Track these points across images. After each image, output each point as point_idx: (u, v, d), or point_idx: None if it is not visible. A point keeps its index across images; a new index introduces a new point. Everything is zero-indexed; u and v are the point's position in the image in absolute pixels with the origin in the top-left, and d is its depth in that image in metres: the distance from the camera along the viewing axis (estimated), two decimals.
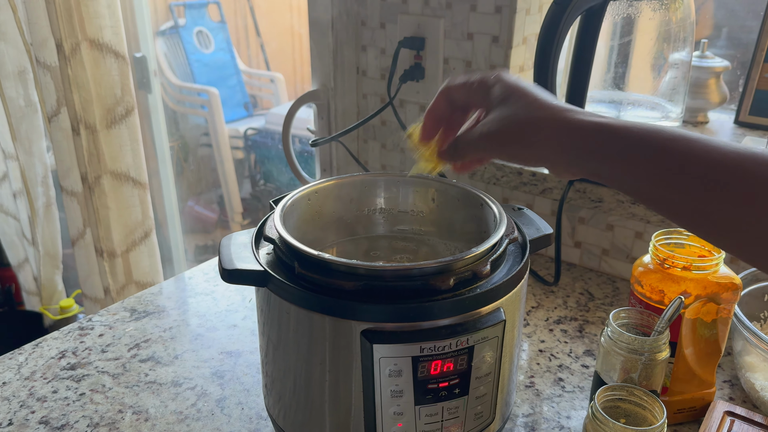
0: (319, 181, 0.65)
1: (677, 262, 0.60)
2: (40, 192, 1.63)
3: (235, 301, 0.87)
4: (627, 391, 0.55)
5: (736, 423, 0.61)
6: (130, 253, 1.51)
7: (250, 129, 3.03)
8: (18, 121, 1.54)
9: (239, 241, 0.56)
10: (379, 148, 1.14)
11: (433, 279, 0.48)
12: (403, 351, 0.48)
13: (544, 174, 0.92)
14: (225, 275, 0.51)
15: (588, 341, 0.78)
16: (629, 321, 0.60)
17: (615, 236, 0.92)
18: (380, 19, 1.05)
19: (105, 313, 0.84)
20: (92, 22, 1.29)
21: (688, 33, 0.87)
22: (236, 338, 0.78)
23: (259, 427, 0.64)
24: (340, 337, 0.49)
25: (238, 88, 3.21)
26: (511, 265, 0.54)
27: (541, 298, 0.88)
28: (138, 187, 1.46)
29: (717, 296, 0.60)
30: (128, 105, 1.38)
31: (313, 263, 0.50)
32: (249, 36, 3.45)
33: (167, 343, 0.77)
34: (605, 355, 0.59)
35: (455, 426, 0.52)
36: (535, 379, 0.72)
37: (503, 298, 0.51)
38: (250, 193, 3.08)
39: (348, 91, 1.14)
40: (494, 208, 0.59)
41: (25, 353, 0.75)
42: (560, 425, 0.65)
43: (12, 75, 1.50)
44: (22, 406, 0.67)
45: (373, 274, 0.49)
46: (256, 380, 0.71)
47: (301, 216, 0.63)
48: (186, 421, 0.65)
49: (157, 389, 0.69)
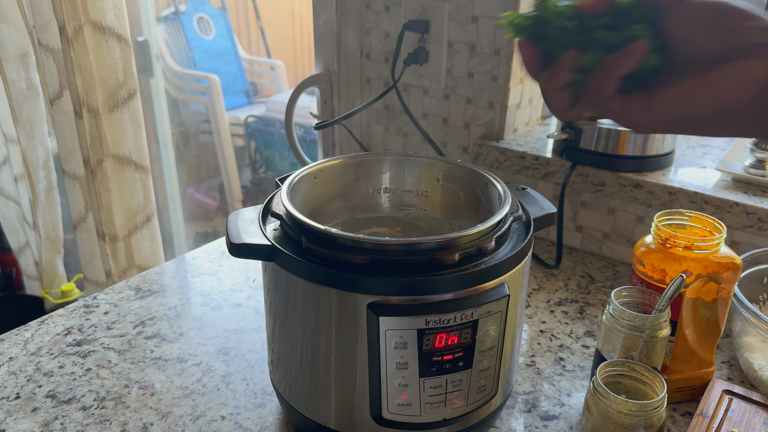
0: (325, 160, 0.65)
1: (679, 241, 0.60)
2: (42, 176, 1.63)
3: (240, 281, 0.87)
4: (628, 366, 0.56)
5: (735, 401, 0.62)
6: (131, 237, 1.52)
7: (251, 116, 3.03)
8: (20, 105, 1.54)
9: (246, 217, 0.56)
10: (382, 132, 1.15)
11: (439, 254, 0.49)
12: (409, 323, 0.48)
13: (546, 158, 0.93)
14: (233, 249, 0.52)
15: (588, 322, 0.79)
16: (630, 300, 0.61)
17: (616, 220, 0.93)
18: (384, 2, 1.05)
19: (110, 291, 0.84)
20: (95, 5, 1.29)
21: None
22: (241, 317, 0.79)
23: (264, 402, 0.65)
24: (346, 310, 0.50)
25: (239, 75, 3.20)
26: (515, 243, 0.55)
27: (542, 281, 0.88)
28: (140, 171, 1.47)
29: (718, 276, 0.60)
30: (130, 88, 1.38)
31: (320, 238, 0.51)
32: (250, 22, 3.44)
33: (172, 321, 0.78)
34: (607, 333, 0.60)
35: (459, 398, 0.52)
36: (536, 358, 0.73)
37: (507, 274, 0.52)
38: (250, 180, 3.08)
39: (351, 75, 1.14)
40: (499, 187, 0.59)
41: (31, 329, 0.76)
42: (561, 402, 0.66)
43: (14, 58, 1.49)
44: (29, 380, 0.67)
45: (380, 248, 0.49)
46: (260, 357, 0.72)
47: (307, 194, 0.63)
48: (192, 396, 0.66)
49: (163, 365, 0.70)
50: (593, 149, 0.89)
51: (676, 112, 0.38)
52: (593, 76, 0.39)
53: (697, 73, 0.37)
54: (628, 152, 0.87)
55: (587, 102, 0.41)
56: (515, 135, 1.02)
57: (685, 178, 0.86)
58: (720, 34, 0.36)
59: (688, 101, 0.37)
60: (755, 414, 0.61)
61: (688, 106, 0.37)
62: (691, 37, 0.37)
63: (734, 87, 0.36)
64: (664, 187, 0.84)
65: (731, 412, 0.61)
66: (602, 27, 0.39)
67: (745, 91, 0.36)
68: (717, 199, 0.80)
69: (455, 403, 0.53)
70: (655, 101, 0.38)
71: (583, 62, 0.39)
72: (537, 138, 1.01)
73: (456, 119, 1.04)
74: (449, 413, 0.53)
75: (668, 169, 0.89)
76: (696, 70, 0.37)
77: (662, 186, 0.84)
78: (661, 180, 0.85)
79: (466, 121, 1.03)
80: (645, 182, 0.85)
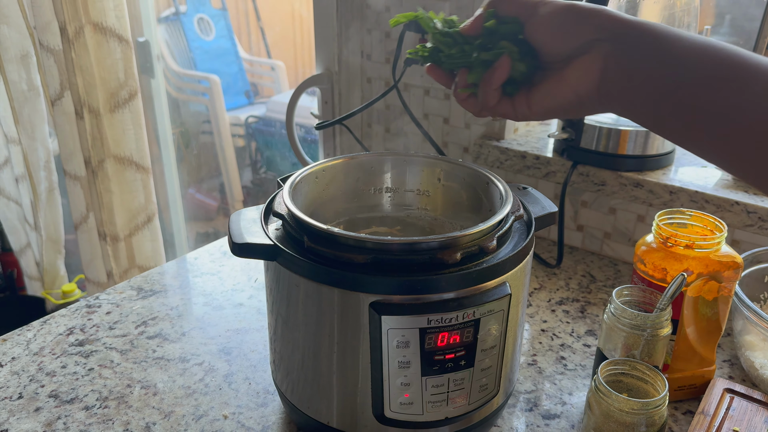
0: (326, 159, 0.66)
1: (680, 240, 0.60)
2: (43, 176, 1.63)
3: (241, 281, 0.88)
4: (629, 365, 0.56)
5: (736, 400, 0.62)
6: (133, 237, 1.52)
7: (251, 117, 3.03)
8: (20, 105, 1.54)
9: (248, 217, 0.57)
10: (383, 132, 1.15)
11: (441, 253, 0.49)
12: (411, 323, 0.49)
13: (547, 157, 0.93)
14: (236, 249, 0.52)
15: (590, 321, 0.79)
16: (632, 298, 0.61)
17: (617, 219, 0.93)
18: (385, 2, 1.05)
19: (112, 291, 0.84)
20: (96, 6, 1.29)
21: (691, 18, 0.87)
22: (243, 316, 0.79)
23: (266, 401, 0.65)
24: (348, 310, 0.50)
25: (239, 75, 3.20)
26: (516, 242, 0.55)
27: (543, 280, 0.88)
28: (141, 171, 1.47)
29: (718, 274, 0.61)
30: (131, 89, 1.39)
31: (322, 237, 0.51)
32: (250, 23, 3.44)
33: (174, 321, 0.78)
34: (608, 332, 0.60)
35: (461, 397, 0.53)
36: (538, 357, 0.73)
37: (509, 273, 0.52)
38: (251, 180, 3.09)
39: (352, 75, 1.14)
40: (500, 187, 0.59)
41: (34, 330, 0.76)
42: (562, 401, 0.66)
43: (15, 59, 1.50)
44: (32, 380, 0.68)
45: (382, 248, 0.49)
46: (262, 356, 0.72)
47: (309, 194, 0.63)
48: (194, 396, 0.66)
49: (165, 365, 0.70)
50: (594, 149, 0.89)
51: (547, 105, 0.45)
52: (479, 90, 0.47)
53: (557, 71, 0.44)
54: (629, 151, 0.87)
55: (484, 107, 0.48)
56: (516, 135, 1.02)
57: (686, 178, 0.86)
58: (566, 36, 0.43)
59: (552, 95, 0.44)
60: (756, 412, 0.61)
61: (553, 99, 0.45)
62: (547, 42, 0.44)
63: (581, 79, 0.42)
64: (665, 187, 0.84)
65: (732, 410, 0.61)
66: (478, 48, 0.47)
67: (589, 82, 0.42)
68: (718, 198, 0.80)
69: (457, 401, 0.53)
70: (531, 99, 0.46)
71: (471, 79, 0.47)
72: (538, 138, 1.01)
73: (457, 119, 1.04)
74: (451, 412, 0.53)
75: (669, 169, 0.89)
76: (557, 68, 0.44)
77: (663, 185, 0.84)
78: (662, 179, 0.85)
79: (467, 120, 1.03)
80: (646, 181, 0.85)
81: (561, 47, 0.43)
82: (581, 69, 0.42)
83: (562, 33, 0.43)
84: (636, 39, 0.40)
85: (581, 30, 0.42)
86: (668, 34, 0.40)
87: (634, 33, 0.41)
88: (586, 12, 0.42)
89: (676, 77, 0.39)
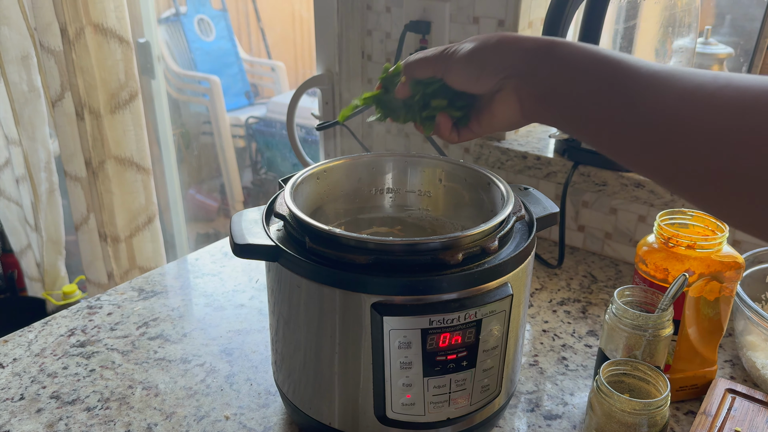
0: (327, 160, 0.66)
1: (681, 240, 0.60)
2: (43, 177, 1.63)
3: (242, 281, 0.88)
4: (631, 365, 0.56)
5: (737, 400, 0.62)
6: (133, 238, 1.52)
7: (252, 117, 3.03)
8: (21, 106, 1.54)
9: (250, 218, 0.57)
10: (384, 133, 1.15)
11: (442, 254, 0.49)
12: (413, 323, 0.49)
13: (548, 158, 0.93)
14: (237, 250, 0.52)
15: (591, 322, 0.79)
16: (633, 299, 0.61)
17: (618, 220, 0.93)
18: (386, 3, 1.05)
19: (113, 292, 0.84)
20: (96, 7, 1.29)
21: (692, 19, 0.87)
22: (244, 317, 0.79)
23: (268, 402, 0.65)
24: (350, 310, 0.50)
25: (240, 76, 3.20)
26: (518, 242, 0.55)
27: (544, 281, 0.88)
28: (141, 172, 1.47)
29: (720, 275, 0.61)
30: (132, 90, 1.39)
31: (324, 238, 0.51)
32: (250, 23, 3.44)
33: (175, 322, 0.78)
34: (609, 333, 0.60)
35: (462, 398, 0.53)
36: (539, 357, 0.73)
37: (510, 274, 0.52)
38: (251, 181, 3.09)
39: (353, 76, 1.14)
40: (502, 188, 0.59)
41: (35, 331, 0.76)
42: (564, 402, 0.66)
43: (15, 60, 1.50)
44: (33, 381, 0.68)
45: (383, 249, 0.49)
46: (264, 357, 0.72)
47: (310, 195, 0.63)
48: (195, 396, 0.66)
49: (167, 366, 0.70)
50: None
51: (494, 125, 0.50)
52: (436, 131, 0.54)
53: (487, 104, 0.49)
54: None
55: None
56: (517, 135, 1.02)
57: None
58: (479, 81, 0.47)
59: (494, 121, 0.50)
60: (758, 412, 0.61)
61: (496, 122, 0.50)
62: (468, 87, 0.49)
63: (506, 111, 0.47)
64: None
65: (734, 410, 0.61)
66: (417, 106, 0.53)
67: (514, 111, 0.47)
68: None
69: (459, 402, 0.53)
70: (481, 122, 0.51)
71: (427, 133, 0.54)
72: (539, 138, 1.01)
73: None
74: (453, 413, 0.53)
75: None
76: (486, 102, 0.49)
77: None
78: None
79: None
80: (647, 182, 0.85)
81: (479, 90, 0.48)
82: (503, 103, 0.47)
83: (474, 79, 0.47)
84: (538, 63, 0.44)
85: (488, 74, 0.46)
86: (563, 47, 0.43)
87: (534, 60, 0.44)
88: (488, 51, 0.46)
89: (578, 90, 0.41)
